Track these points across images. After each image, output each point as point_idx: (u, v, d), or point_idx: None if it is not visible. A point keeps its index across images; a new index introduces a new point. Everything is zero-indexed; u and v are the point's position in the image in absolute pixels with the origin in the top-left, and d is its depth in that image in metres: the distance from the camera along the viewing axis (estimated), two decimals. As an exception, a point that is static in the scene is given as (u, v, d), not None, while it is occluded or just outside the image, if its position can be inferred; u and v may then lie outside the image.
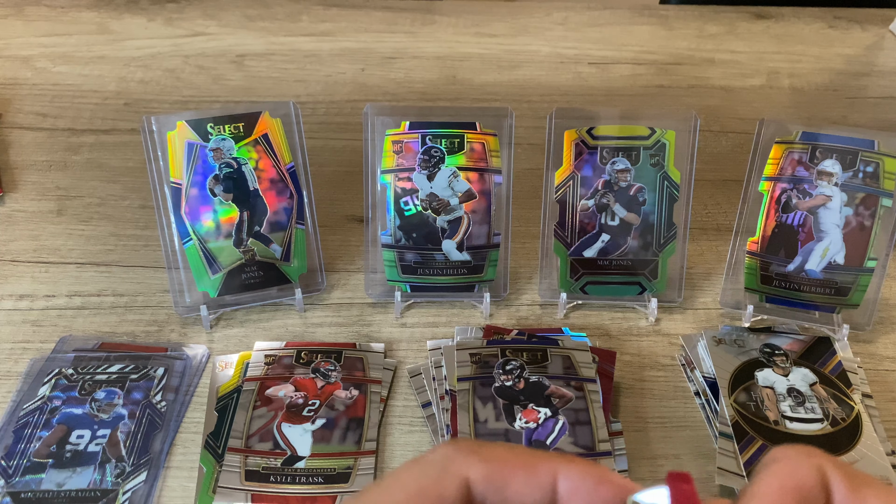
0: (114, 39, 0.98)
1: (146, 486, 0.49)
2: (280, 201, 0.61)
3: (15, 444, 0.51)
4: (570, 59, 0.98)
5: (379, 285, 0.63)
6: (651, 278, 0.62)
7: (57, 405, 0.53)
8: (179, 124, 0.58)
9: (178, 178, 0.58)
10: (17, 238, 0.69)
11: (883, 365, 0.59)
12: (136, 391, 0.55)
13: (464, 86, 0.92)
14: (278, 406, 0.54)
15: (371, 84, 0.92)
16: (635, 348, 0.61)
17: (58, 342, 0.59)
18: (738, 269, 0.62)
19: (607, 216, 0.61)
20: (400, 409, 0.56)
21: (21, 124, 0.84)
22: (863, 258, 0.59)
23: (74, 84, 0.90)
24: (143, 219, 0.71)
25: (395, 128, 0.60)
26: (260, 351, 0.58)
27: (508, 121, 0.60)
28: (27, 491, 0.48)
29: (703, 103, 0.90)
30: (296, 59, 0.96)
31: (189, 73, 0.92)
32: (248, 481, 0.49)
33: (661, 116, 0.61)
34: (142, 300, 0.63)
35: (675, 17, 1.08)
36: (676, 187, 0.60)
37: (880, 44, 1.04)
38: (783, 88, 0.94)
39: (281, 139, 0.60)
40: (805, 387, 0.55)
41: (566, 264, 0.62)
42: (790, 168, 0.59)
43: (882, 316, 0.63)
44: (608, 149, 0.60)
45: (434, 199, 0.60)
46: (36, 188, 0.75)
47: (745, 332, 0.60)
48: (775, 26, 1.07)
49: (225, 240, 0.60)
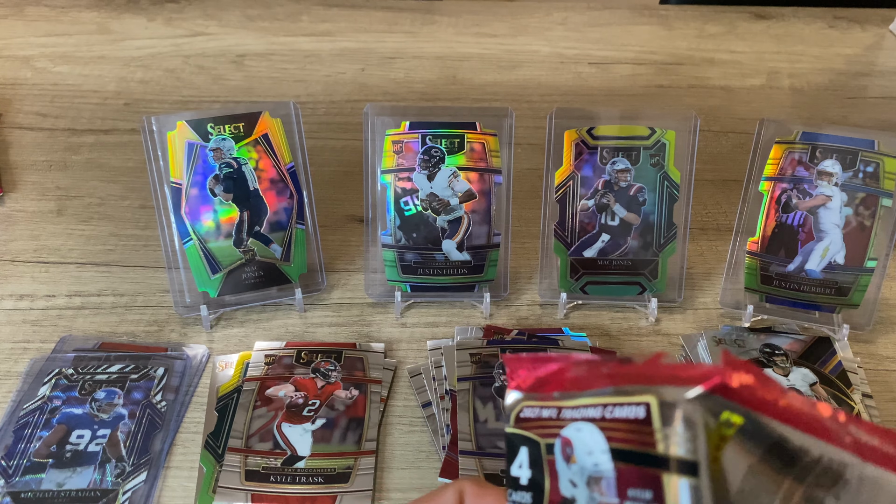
0: (114, 39, 0.98)
1: (146, 486, 0.49)
2: (280, 201, 0.61)
3: (15, 444, 0.51)
4: (571, 59, 0.98)
5: (379, 285, 0.63)
6: (651, 278, 0.62)
7: (57, 405, 0.53)
8: (179, 124, 0.58)
9: (178, 178, 0.58)
10: (17, 238, 0.69)
11: (883, 365, 0.59)
12: (136, 391, 0.55)
13: (464, 86, 0.92)
14: (278, 406, 0.54)
15: (371, 84, 0.92)
16: (635, 348, 0.61)
17: (58, 342, 0.59)
18: (738, 269, 0.62)
19: (607, 216, 0.61)
20: (400, 409, 0.56)
21: (21, 124, 0.84)
22: (863, 258, 0.59)
23: (74, 84, 0.90)
24: (143, 219, 0.71)
25: (395, 128, 0.60)
26: (260, 351, 0.58)
27: (508, 121, 0.60)
28: (27, 491, 0.48)
29: (703, 103, 0.90)
30: (296, 59, 0.96)
31: (189, 73, 0.92)
32: (248, 481, 0.49)
33: (661, 116, 0.61)
34: (142, 300, 0.63)
35: (675, 17, 1.08)
36: (676, 187, 0.60)
37: (880, 44, 1.04)
38: (783, 88, 0.94)
39: (281, 139, 0.60)
40: (805, 387, 0.55)
41: (566, 264, 0.62)
42: (790, 168, 0.59)
43: (882, 316, 0.63)
44: (608, 149, 0.60)
45: (434, 199, 0.60)
46: (36, 188, 0.75)
47: (745, 332, 0.60)
48: (775, 26, 1.07)
49: (225, 240, 0.60)
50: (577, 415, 0.24)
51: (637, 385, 0.23)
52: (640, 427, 0.22)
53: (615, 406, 0.23)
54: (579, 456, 0.23)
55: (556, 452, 0.24)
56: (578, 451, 0.23)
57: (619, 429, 0.22)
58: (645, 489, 0.22)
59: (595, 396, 0.23)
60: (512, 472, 0.25)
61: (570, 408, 0.24)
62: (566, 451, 0.24)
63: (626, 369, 0.23)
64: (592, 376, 0.24)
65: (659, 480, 0.21)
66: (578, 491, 0.23)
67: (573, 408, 0.24)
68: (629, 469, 0.22)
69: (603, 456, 0.23)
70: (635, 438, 0.22)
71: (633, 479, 0.22)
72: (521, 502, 0.25)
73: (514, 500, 0.25)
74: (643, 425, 0.22)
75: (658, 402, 0.22)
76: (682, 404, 0.21)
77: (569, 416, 0.24)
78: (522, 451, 0.25)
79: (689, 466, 0.21)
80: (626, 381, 0.23)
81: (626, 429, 0.22)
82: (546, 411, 0.24)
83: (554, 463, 0.24)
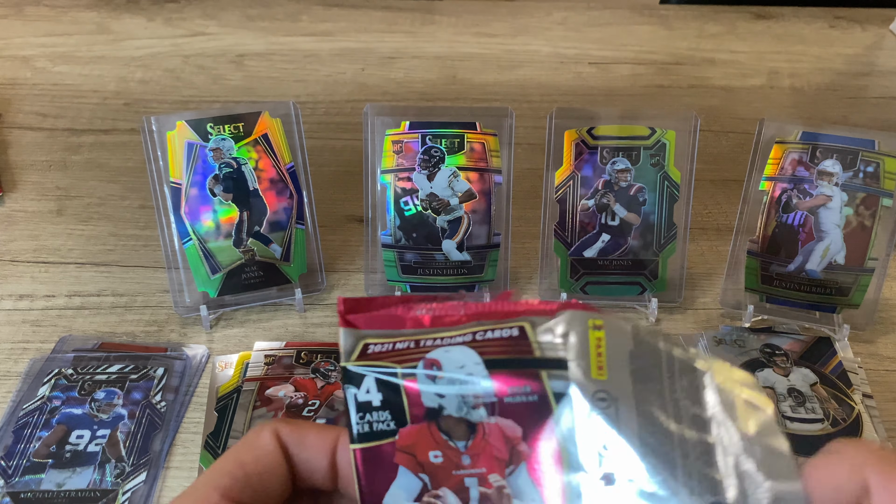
0: (114, 39, 0.98)
1: (146, 487, 0.49)
2: (280, 201, 0.61)
3: (15, 444, 0.51)
4: (571, 59, 0.98)
5: (379, 285, 0.63)
6: (651, 278, 0.62)
7: (57, 405, 0.53)
8: (179, 124, 0.58)
9: (177, 178, 0.58)
10: (16, 238, 0.69)
11: (883, 365, 0.59)
12: (135, 391, 0.55)
13: (464, 86, 0.92)
14: (278, 406, 0.54)
15: (371, 84, 0.92)
16: (635, 348, 0.61)
17: (57, 342, 0.59)
18: (738, 269, 0.62)
19: (607, 216, 0.61)
20: (400, 409, 0.56)
21: (21, 124, 0.84)
22: (863, 258, 0.58)
23: (74, 84, 0.90)
24: (142, 219, 0.71)
25: (395, 128, 0.60)
26: (260, 351, 0.58)
27: (508, 121, 0.60)
28: (27, 491, 0.48)
29: (704, 103, 0.90)
30: (296, 59, 0.96)
31: (189, 73, 0.92)
32: (247, 481, 0.49)
33: (662, 116, 0.61)
34: (141, 300, 0.63)
35: (676, 17, 1.08)
36: (677, 187, 0.60)
37: (880, 44, 1.04)
38: (783, 88, 0.94)
39: (281, 139, 0.60)
40: (805, 387, 0.55)
41: (566, 264, 0.62)
42: (790, 168, 0.59)
43: (882, 316, 0.63)
44: (608, 149, 0.60)
45: (434, 199, 0.60)
46: (36, 188, 0.75)
47: (745, 333, 0.60)
48: (775, 26, 1.07)
49: (225, 240, 0.60)
50: (443, 342, 0.26)
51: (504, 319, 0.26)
52: (515, 342, 0.25)
53: (487, 331, 0.25)
54: (448, 371, 0.25)
55: (417, 373, 0.25)
56: (447, 367, 0.25)
57: (493, 346, 0.25)
58: (525, 385, 0.24)
59: (461, 329, 0.26)
60: (359, 398, 0.26)
61: (430, 339, 0.26)
62: (431, 370, 0.25)
63: (485, 308, 0.26)
64: (449, 315, 0.26)
65: (538, 376, 0.24)
66: (446, 400, 0.25)
67: (435, 339, 0.26)
68: (507, 373, 0.25)
69: (477, 367, 0.25)
70: (511, 350, 0.25)
71: (511, 380, 0.24)
72: (378, 420, 0.26)
73: (370, 421, 0.26)
74: (519, 340, 0.25)
75: (531, 326, 0.25)
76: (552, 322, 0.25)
77: (431, 344, 0.26)
78: (368, 378, 0.26)
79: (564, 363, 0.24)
80: (491, 317, 0.26)
81: (501, 344, 0.25)
82: (400, 344, 0.26)
83: (415, 384, 0.25)
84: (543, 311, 0.25)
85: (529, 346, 0.25)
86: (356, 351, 0.26)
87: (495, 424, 0.25)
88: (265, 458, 0.27)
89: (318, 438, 0.27)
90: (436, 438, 0.25)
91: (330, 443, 0.27)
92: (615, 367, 0.24)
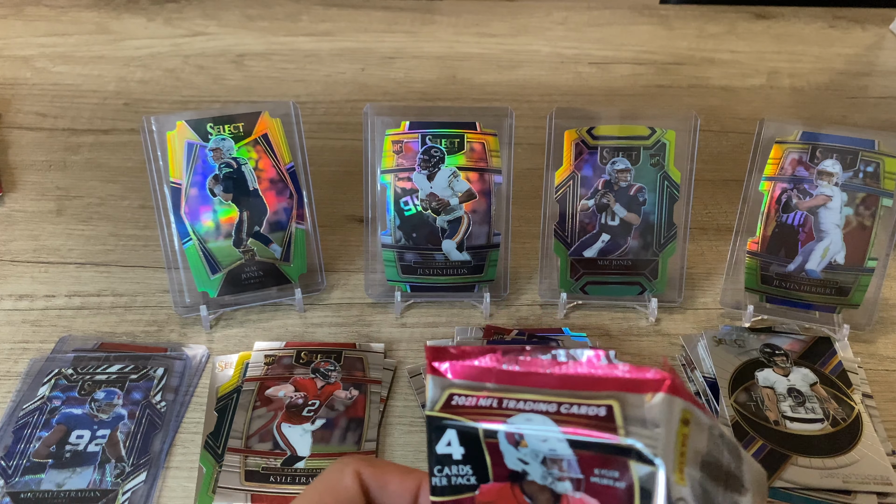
0: (113, 39, 0.98)
1: (146, 487, 0.49)
2: (280, 201, 0.61)
3: (15, 445, 0.51)
4: (570, 59, 0.98)
5: (379, 285, 0.63)
6: (651, 278, 0.62)
7: (56, 405, 0.53)
8: (179, 124, 0.58)
9: (177, 178, 0.58)
10: (16, 238, 0.69)
11: (883, 365, 0.59)
12: (135, 391, 0.55)
13: (464, 86, 0.92)
14: (278, 406, 0.54)
15: (371, 84, 0.92)
16: (635, 348, 0.61)
17: (57, 342, 0.59)
18: (738, 269, 0.62)
19: (607, 216, 0.61)
20: (400, 409, 0.56)
21: (21, 124, 0.84)
22: (863, 258, 0.58)
23: (74, 84, 0.90)
24: (142, 219, 0.71)
25: (395, 128, 0.60)
26: (260, 351, 0.58)
27: (508, 121, 0.60)
28: (27, 491, 0.48)
29: (704, 103, 0.90)
30: (296, 59, 0.96)
31: (189, 73, 0.92)
32: (247, 481, 0.49)
33: (662, 116, 0.61)
34: (141, 300, 0.63)
35: (676, 17, 1.08)
36: (676, 187, 0.60)
37: (880, 44, 1.04)
38: (783, 88, 0.94)
39: (281, 139, 0.60)
40: (805, 387, 0.55)
41: (566, 264, 0.62)
42: (790, 168, 0.59)
43: (882, 316, 0.63)
44: (608, 149, 0.60)
45: (434, 199, 0.60)
46: (36, 188, 0.75)
47: (745, 332, 0.60)
48: (775, 26, 1.07)
49: (225, 240, 0.60)
50: (525, 406, 0.25)
51: (592, 391, 0.24)
52: (601, 423, 0.24)
53: (573, 405, 0.24)
54: (532, 442, 0.24)
55: (499, 437, 0.25)
56: (530, 438, 0.24)
57: (577, 423, 0.24)
58: (612, 470, 0.23)
59: (545, 395, 0.25)
60: (438, 450, 0.25)
61: (513, 399, 0.25)
62: (514, 437, 0.25)
63: (575, 374, 0.25)
64: (534, 374, 0.25)
65: (626, 464, 0.23)
66: (530, 467, 0.25)
67: (518, 400, 0.25)
68: (593, 455, 0.24)
69: (560, 444, 0.24)
70: (596, 429, 0.24)
71: (598, 462, 0.24)
72: (458, 475, 0.25)
73: (448, 475, 0.26)
74: (605, 421, 0.24)
75: (620, 406, 0.24)
76: (645, 407, 0.23)
77: (513, 406, 0.25)
78: (450, 431, 0.25)
79: (651, 460, 0.23)
80: (579, 386, 0.25)
81: (585, 423, 0.24)
82: (484, 400, 0.25)
83: (496, 445, 0.25)
84: (635, 385, 0.24)
85: (615, 428, 0.24)
86: (440, 401, 0.26)
87: (580, 500, 0.24)
88: (346, 502, 0.27)
89: (400, 484, 0.28)
90: (519, 500, 0.25)
91: (412, 489, 0.27)
92: (691, 468, 0.24)
